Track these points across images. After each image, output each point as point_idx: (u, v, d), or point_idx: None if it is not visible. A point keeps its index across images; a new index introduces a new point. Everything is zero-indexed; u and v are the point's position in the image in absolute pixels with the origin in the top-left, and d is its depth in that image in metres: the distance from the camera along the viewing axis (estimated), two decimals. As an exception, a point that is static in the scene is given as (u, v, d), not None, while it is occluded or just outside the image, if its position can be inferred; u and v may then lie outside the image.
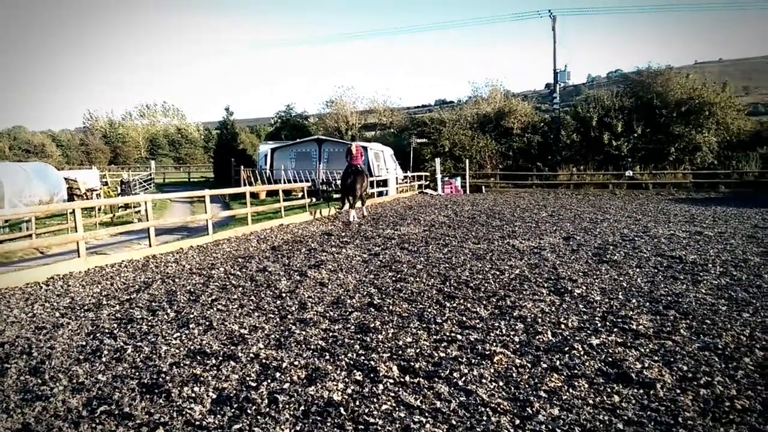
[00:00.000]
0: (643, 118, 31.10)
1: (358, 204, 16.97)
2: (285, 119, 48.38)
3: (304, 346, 5.21)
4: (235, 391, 4.24)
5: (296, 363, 4.75)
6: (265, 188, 21.76)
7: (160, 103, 79.26)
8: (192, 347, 5.30)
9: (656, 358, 4.74)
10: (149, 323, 6.15)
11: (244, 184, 25.86)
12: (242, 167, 28.69)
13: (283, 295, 7.25)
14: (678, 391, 4.08)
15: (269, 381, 4.39)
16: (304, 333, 5.59)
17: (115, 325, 6.13)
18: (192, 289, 7.75)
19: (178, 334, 5.72)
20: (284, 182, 25.63)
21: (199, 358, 5.00)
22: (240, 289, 7.70)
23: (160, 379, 4.50)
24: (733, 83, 45.68)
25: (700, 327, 5.56)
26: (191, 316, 6.39)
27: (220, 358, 4.96)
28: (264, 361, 4.84)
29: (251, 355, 5.01)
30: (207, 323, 6.06)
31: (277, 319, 6.15)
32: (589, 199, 23.88)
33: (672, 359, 4.69)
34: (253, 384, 4.36)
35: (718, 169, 29.53)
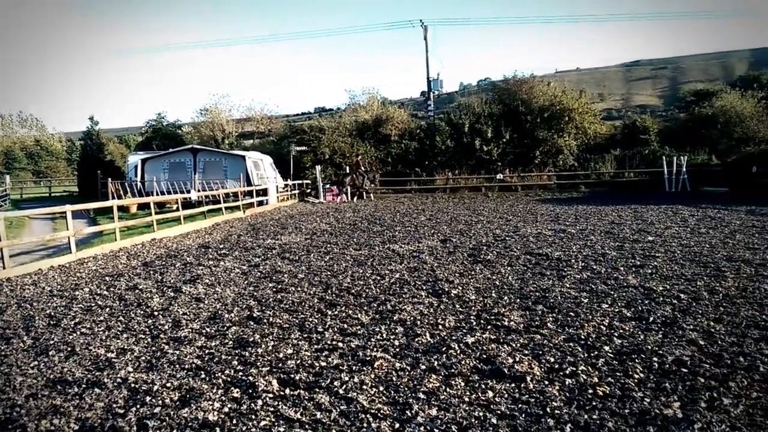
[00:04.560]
0: (511, 124, 32.84)
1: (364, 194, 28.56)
2: (156, 128, 46.20)
3: (177, 366, 4.96)
4: (100, 420, 3.95)
5: (169, 385, 4.51)
6: (136, 201, 20.62)
7: (15, 113, 72.92)
8: (51, 376, 4.88)
9: (526, 352, 4.98)
10: (2, 353, 5.60)
11: (113, 198, 24.34)
12: (110, 180, 26.94)
13: (155, 313, 6.88)
14: (546, 382, 4.31)
15: (139, 406, 4.13)
16: (177, 352, 5.33)
17: (-40, 359, 5.51)
18: (52, 313, 7.15)
19: (36, 362, 5.25)
20: (157, 194, 24.43)
21: (59, 387, 4.61)
22: (107, 309, 7.21)
23: (14, 413, 4.10)
24: (589, 90, 49.52)
25: (565, 319, 5.92)
26: (51, 342, 5.89)
27: (84, 385, 4.61)
28: (133, 385, 4.55)
29: (119, 379, 4.69)
30: (69, 349, 5.61)
31: (149, 340, 5.82)
32: (465, 202, 24.82)
33: (540, 352, 4.95)
34: (121, 411, 4.08)
35: (578, 170, 31.77)
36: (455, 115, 34.74)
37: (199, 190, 24.52)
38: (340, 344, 5.40)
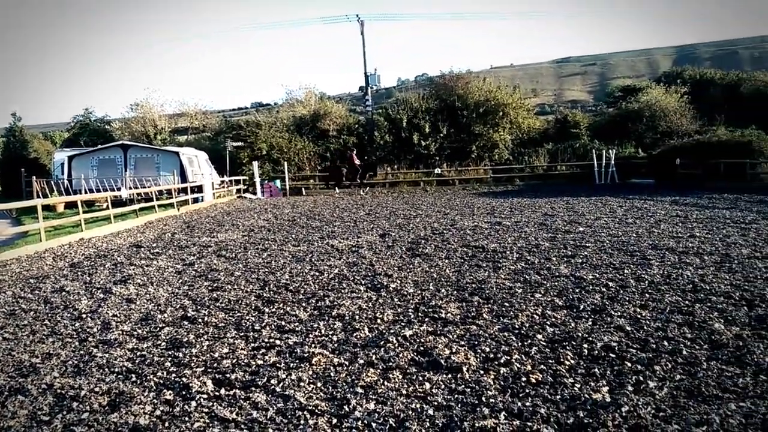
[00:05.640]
0: (448, 119, 33.24)
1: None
2: (84, 124, 44.40)
3: (107, 369, 4.78)
4: (23, 429, 3.77)
5: (97, 389, 4.34)
6: (63, 200, 19.79)
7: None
8: (-31, 385, 4.61)
9: (463, 342, 5.06)
10: None
11: (38, 197, 23.24)
12: (35, 178, 25.69)
13: (84, 316, 6.61)
14: (482, 372, 4.38)
15: (65, 412, 3.96)
16: (107, 355, 5.13)
17: None
18: (-29, 319, 6.76)
19: (-48, 372, 4.95)
20: (85, 192, 23.50)
21: (-21, 396, 4.36)
22: (32, 313, 6.87)
23: (-73, 428, 3.85)
24: (523, 86, 50.71)
25: (500, 310, 6.04)
26: (-31, 349, 5.57)
27: (6, 392, 4.38)
28: (59, 391, 4.36)
29: (44, 385, 4.48)
30: (-11, 356, 5.32)
31: (76, 343, 5.58)
32: (404, 196, 24.99)
33: (476, 342, 5.03)
34: (46, 418, 3.90)
35: (513, 164, 32.49)
36: (393, 110, 34.88)
37: (130, 188, 23.72)
38: (278, 341, 5.33)
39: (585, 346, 4.84)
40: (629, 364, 4.41)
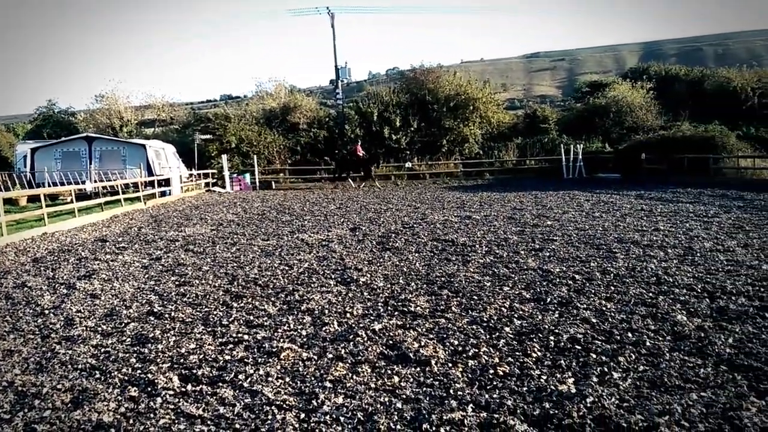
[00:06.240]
0: (419, 113, 33.28)
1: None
2: (47, 116, 43.37)
3: (70, 366, 4.68)
4: (-18, 429, 3.66)
5: (60, 386, 4.25)
6: (25, 193, 19.30)
7: None
8: (-75, 385, 4.47)
9: (431, 336, 5.08)
10: None
11: (0, 190, 22.66)
12: (-4, 171, 25.14)
13: (46, 312, 6.46)
14: (450, 365, 4.41)
15: (26, 410, 3.87)
16: (70, 352, 5.03)
17: None
18: (-73, 316, 6.56)
19: None
20: (48, 185, 22.97)
21: (-65, 396, 4.24)
22: (-9, 310, 6.70)
23: None
24: (493, 81, 51.04)
25: (469, 303, 6.09)
26: (-75, 347, 5.40)
27: (-36, 392, 4.26)
28: (20, 388, 4.26)
29: (4, 383, 4.38)
30: (-54, 354, 5.16)
31: (38, 340, 5.46)
32: (374, 190, 24.96)
33: (445, 336, 5.06)
34: (7, 416, 3.81)
35: (483, 158, 32.72)
36: (364, 104, 34.79)
37: (95, 181, 23.25)
38: (246, 336, 5.29)
39: (551, 338, 4.91)
40: (594, 356, 4.48)
